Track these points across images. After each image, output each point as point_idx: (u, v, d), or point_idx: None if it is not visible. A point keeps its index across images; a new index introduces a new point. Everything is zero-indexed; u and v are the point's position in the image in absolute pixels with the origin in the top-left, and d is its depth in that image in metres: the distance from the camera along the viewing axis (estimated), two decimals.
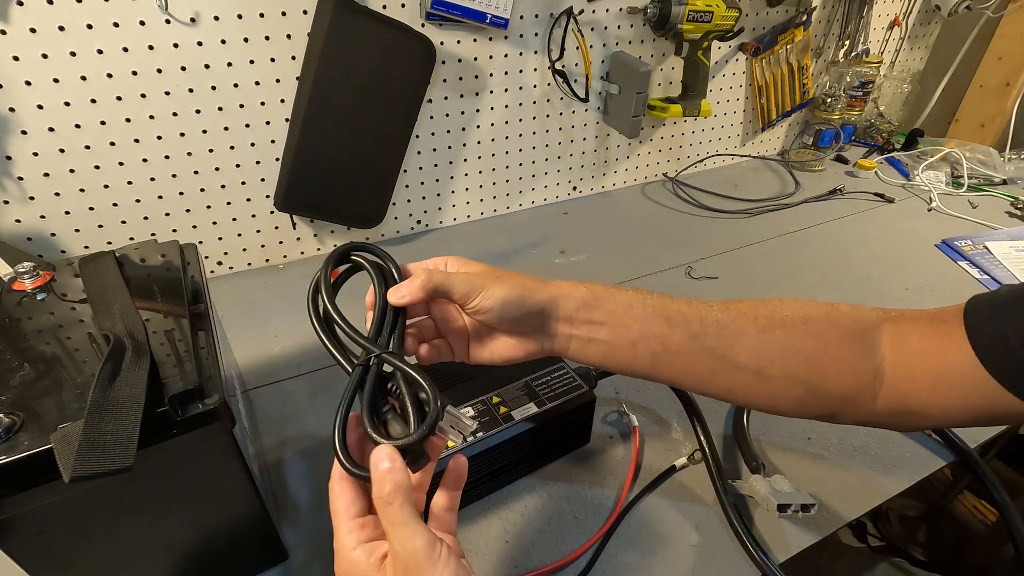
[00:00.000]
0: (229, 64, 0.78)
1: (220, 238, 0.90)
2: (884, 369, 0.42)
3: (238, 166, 0.86)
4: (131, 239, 0.83)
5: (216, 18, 0.75)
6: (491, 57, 0.95)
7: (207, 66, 0.77)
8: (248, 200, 0.89)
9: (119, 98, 0.74)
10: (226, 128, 0.82)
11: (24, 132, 0.71)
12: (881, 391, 0.42)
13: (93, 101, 0.73)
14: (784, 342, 0.42)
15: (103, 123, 0.74)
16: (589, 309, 0.42)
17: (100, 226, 0.81)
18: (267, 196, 0.89)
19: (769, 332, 0.42)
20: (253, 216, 0.90)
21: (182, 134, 0.80)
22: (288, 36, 0.80)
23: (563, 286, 0.42)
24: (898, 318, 0.44)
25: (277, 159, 0.87)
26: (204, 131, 0.81)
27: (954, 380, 0.40)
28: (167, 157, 0.80)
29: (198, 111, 0.79)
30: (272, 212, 0.90)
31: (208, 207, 0.87)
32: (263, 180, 0.88)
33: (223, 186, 0.86)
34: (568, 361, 0.60)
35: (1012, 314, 0.38)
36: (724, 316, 0.43)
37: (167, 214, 0.84)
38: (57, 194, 0.76)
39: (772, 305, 0.44)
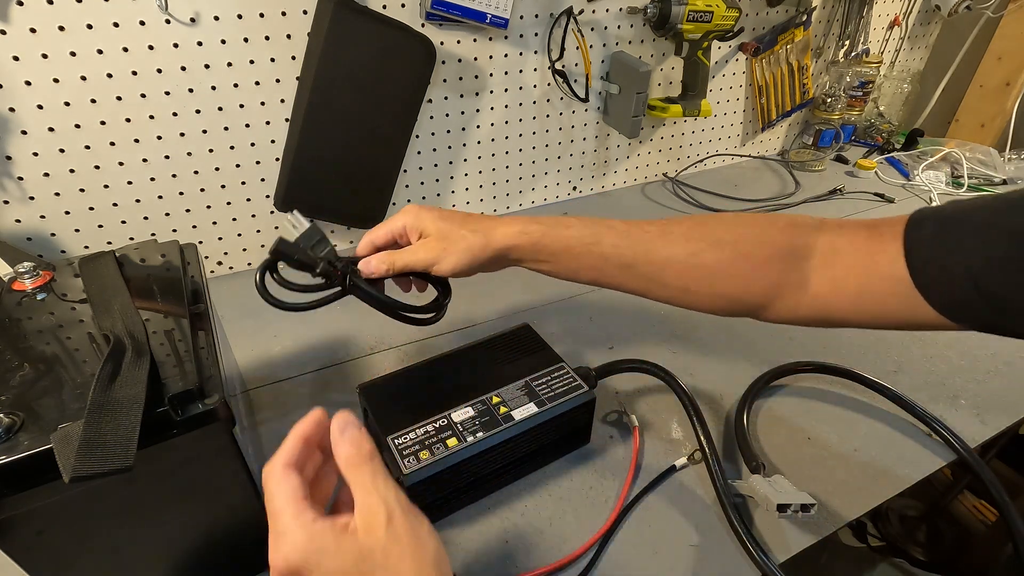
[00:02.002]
0: (229, 64, 0.78)
1: (220, 238, 0.90)
2: (810, 280, 0.45)
3: (238, 166, 0.86)
4: (131, 239, 0.83)
5: (216, 18, 0.75)
6: (491, 57, 0.95)
7: (207, 66, 0.77)
8: (248, 200, 0.89)
9: (119, 98, 0.74)
10: (226, 128, 0.82)
11: (24, 132, 0.71)
12: (804, 299, 0.45)
13: (93, 101, 0.73)
14: (711, 264, 0.47)
15: (103, 123, 0.74)
16: (534, 253, 0.49)
17: (100, 226, 0.81)
18: (267, 196, 0.89)
19: (698, 255, 0.47)
20: (253, 216, 0.90)
21: (182, 134, 0.80)
22: (288, 36, 0.80)
23: (509, 235, 0.48)
24: (835, 228, 0.46)
25: (277, 159, 0.87)
26: (204, 131, 0.81)
27: (879, 294, 0.41)
28: (167, 157, 0.80)
29: (198, 111, 0.79)
30: (272, 212, 0.90)
31: (208, 207, 0.87)
32: (263, 180, 0.88)
33: (223, 186, 0.86)
34: (568, 362, 0.60)
35: (957, 241, 0.37)
36: (658, 243, 0.48)
37: (167, 214, 0.84)
38: (57, 194, 0.76)
39: (709, 226, 0.48)
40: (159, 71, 0.74)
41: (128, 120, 0.76)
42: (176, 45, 0.74)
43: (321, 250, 0.50)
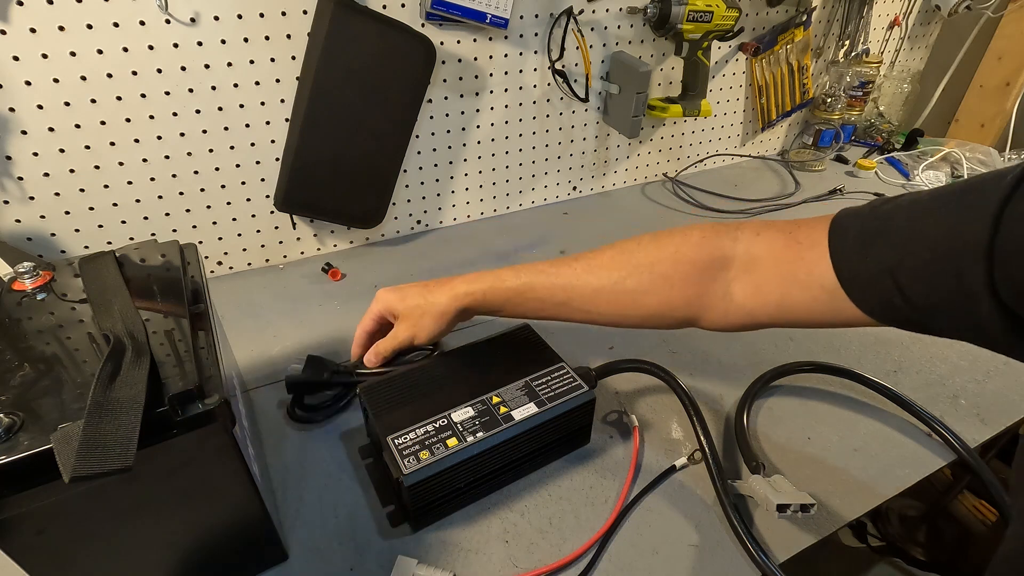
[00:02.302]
0: (229, 64, 0.78)
1: (220, 238, 0.90)
2: (733, 290, 0.47)
3: (238, 166, 0.86)
4: (131, 239, 0.83)
5: (216, 18, 0.75)
6: (491, 57, 0.95)
7: (207, 66, 0.77)
8: (248, 200, 0.89)
9: (119, 98, 0.74)
10: (226, 128, 0.82)
11: (24, 132, 0.71)
12: (731, 308, 0.48)
13: (93, 101, 0.73)
14: (634, 289, 0.50)
15: (103, 123, 0.74)
16: (485, 307, 0.57)
17: (100, 226, 0.81)
18: (267, 196, 0.89)
19: (622, 283, 0.50)
20: (253, 216, 0.91)
21: (182, 134, 0.80)
22: (288, 36, 0.80)
23: (458, 296, 0.56)
24: (751, 235, 0.47)
25: (277, 159, 0.87)
26: (204, 131, 0.81)
27: (802, 300, 0.43)
28: (167, 157, 0.80)
29: (198, 111, 0.79)
30: (272, 212, 0.90)
31: (208, 207, 0.87)
32: (263, 180, 0.88)
33: (223, 186, 0.86)
34: (568, 362, 0.60)
35: (880, 251, 0.38)
36: (584, 277, 0.52)
37: (167, 214, 0.84)
38: (57, 194, 0.76)
39: (628, 252, 0.52)
40: (159, 71, 0.74)
41: (128, 120, 0.76)
42: (176, 45, 0.74)
43: (324, 371, 0.64)
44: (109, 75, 0.72)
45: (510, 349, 0.62)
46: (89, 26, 0.69)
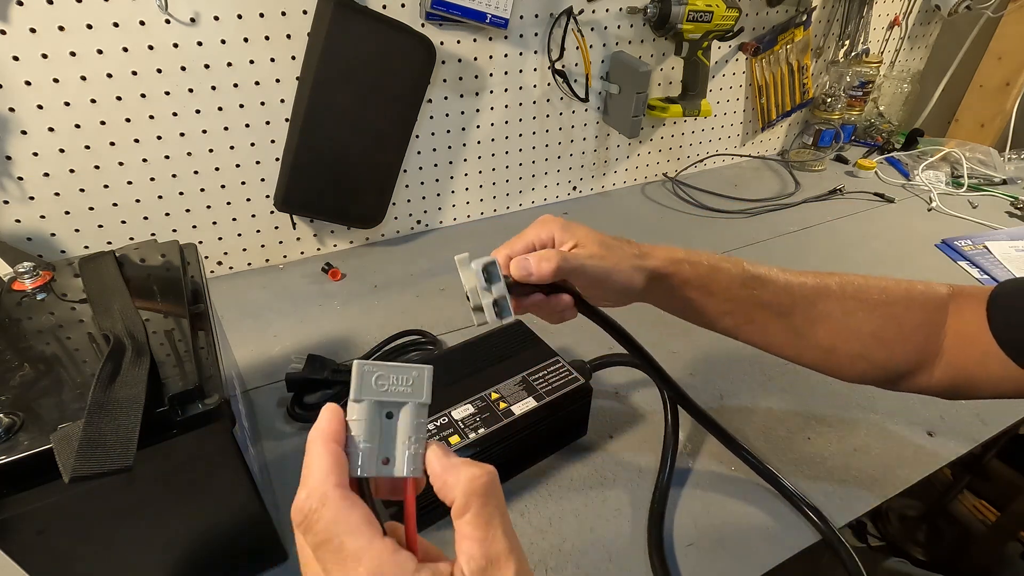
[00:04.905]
0: (229, 64, 0.78)
1: (220, 238, 0.90)
2: (945, 345, 0.45)
3: (238, 166, 0.85)
4: (131, 239, 0.83)
5: (216, 18, 0.75)
6: (491, 57, 0.95)
7: (207, 66, 0.77)
8: (248, 200, 0.89)
9: (119, 98, 0.74)
10: (226, 128, 0.82)
11: (24, 132, 0.71)
12: (939, 365, 0.45)
13: (93, 101, 0.73)
14: (861, 327, 0.45)
15: (103, 123, 0.74)
16: (691, 283, 0.46)
17: (100, 226, 0.81)
18: (267, 196, 0.89)
19: (851, 315, 0.45)
20: (253, 216, 0.90)
21: (182, 134, 0.80)
22: (288, 36, 0.80)
23: (666, 260, 0.45)
24: (960, 294, 0.46)
25: (277, 159, 0.87)
26: (204, 131, 0.81)
27: (1000, 357, 0.42)
28: (167, 157, 0.80)
29: (198, 111, 0.79)
30: (272, 212, 0.90)
31: (208, 207, 0.87)
32: (263, 180, 0.88)
33: (223, 186, 0.86)
34: (563, 355, 0.60)
35: None
36: (812, 295, 0.46)
37: (167, 214, 0.84)
38: (57, 194, 0.76)
39: (857, 284, 0.46)
40: (159, 71, 0.74)
41: (128, 120, 0.76)
42: (176, 45, 0.74)
43: (324, 369, 0.64)
44: (109, 75, 0.72)
45: (505, 346, 0.62)
46: (89, 26, 0.69)
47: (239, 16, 0.76)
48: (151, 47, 0.73)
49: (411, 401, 0.27)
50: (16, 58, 0.67)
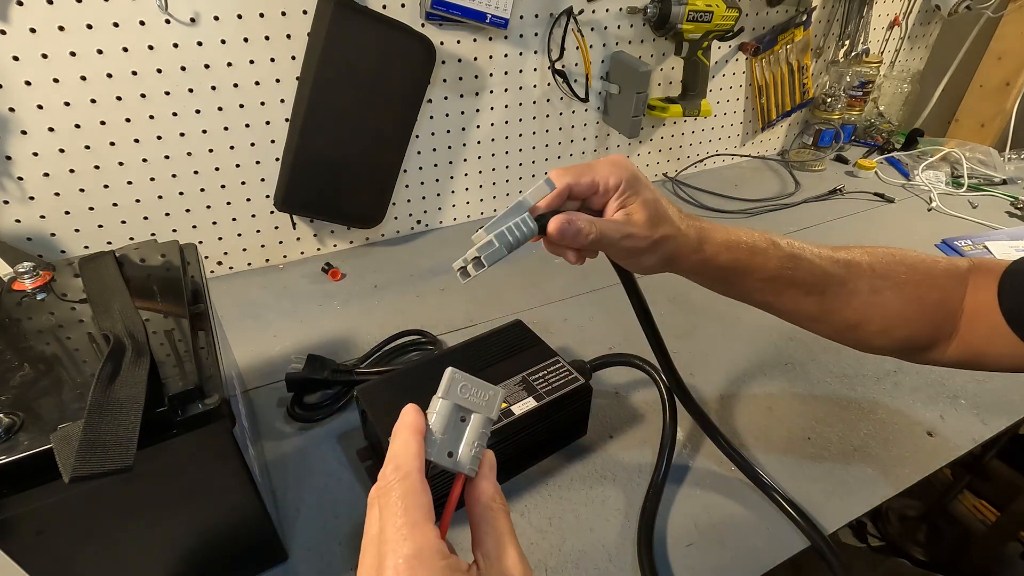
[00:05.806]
0: (229, 64, 0.78)
1: (220, 238, 0.90)
2: (959, 320, 0.46)
3: (238, 166, 0.85)
4: (131, 239, 0.83)
5: (216, 18, 0.75)
6: (491, 57, 0.95)
7: (207, 66, 0.77)
8: (248, 200, 0.89)
9: (119, 98, 0.74)
10: (226, 128, 0.82)
11: (24, 132, 0.71)
12: (954, 341, 0.46)
13: (93, 101, 0.73)
14: (887, 304, 0.46)
15: (103, 123, 0.74)
16: (743, 266, 0.45)
17: (100, 226, 0.81)
18: (267, 196, 0.89)
19: (879, 294, 0.46)
20: (253, 216, 0.90)
21: (182, 134, 0.80)
22: (288, 36, 0.80)
23: (722, 244, 0.45)
24: (979, 268, 0.47)
25: (277, 159, 0.87)
26: (204, 131, 0.81)
27: (1006, 332, 0.43)
28: (167, 157, 0.80)
29: (198, 111, 0.79)
30: (272, 212, 0.90)
31: (208, 207, 0.87)
32: (263, 180, 0.88)
33: (223, 186, 0.86)
34: (563, 355, 0.60)
35: None
36: (844, 273, 0.46)
37: (167, 214, 0.84)
38: (57, 194, 0.76)
39: (886, 262, 0.47)
40: (159, 71, 0.74)
41: (128, 120, 0.76)
42: (176, 45, 0.74)
43: (324, 369, 0.64)
44: (109, 75, 0.72)
45: (504, 345, 0.62)
46: (89, 26, 0.69)
47: (239, 16, 0.76)
48: (151, 47, 0.73)
49: (483, 414, 0.32)
50: (16, 58, 0.67)
